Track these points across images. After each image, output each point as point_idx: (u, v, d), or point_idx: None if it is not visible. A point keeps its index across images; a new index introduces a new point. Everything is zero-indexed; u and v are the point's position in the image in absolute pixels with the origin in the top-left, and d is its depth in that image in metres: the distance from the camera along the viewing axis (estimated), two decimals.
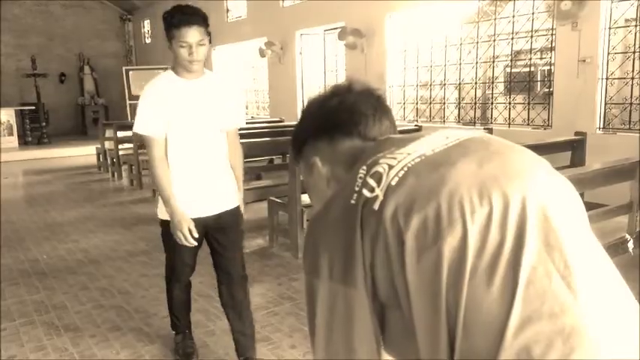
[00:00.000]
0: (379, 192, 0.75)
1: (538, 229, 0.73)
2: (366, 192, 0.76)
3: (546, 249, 0.72)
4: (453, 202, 0.72)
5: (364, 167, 0.80)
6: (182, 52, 2.26)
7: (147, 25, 16.27)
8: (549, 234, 0.74)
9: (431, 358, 0.72)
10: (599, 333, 0.70)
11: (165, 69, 2.53)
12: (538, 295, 0.69)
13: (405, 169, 0.77)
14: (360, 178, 0.78)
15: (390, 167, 0.78)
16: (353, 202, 0.77)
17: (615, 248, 2.91)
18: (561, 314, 0.69)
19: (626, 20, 5.24)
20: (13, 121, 12.09)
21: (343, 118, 0.96)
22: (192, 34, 2.20)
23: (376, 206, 0.75)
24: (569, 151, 4.77)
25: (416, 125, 6.76)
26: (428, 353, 0.73)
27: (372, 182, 0.76)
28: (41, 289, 3.81)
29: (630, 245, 2.87)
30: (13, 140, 12.03)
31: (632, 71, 5.12)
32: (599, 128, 5.32)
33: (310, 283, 0.82)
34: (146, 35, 16.39)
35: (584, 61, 5.27)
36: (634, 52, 5.10)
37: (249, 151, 5.80)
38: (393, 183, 0.75)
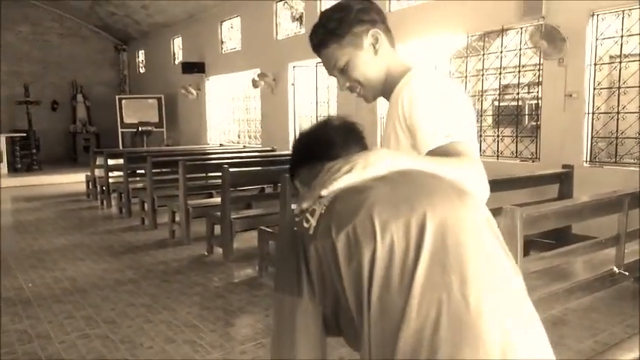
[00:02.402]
0: (313, 222, 0.94)
1: (435, 246, 0.88)
2: (305, 223, 0.95)
3: (440, 265, 0.87)
4: (367, 222, 0.89)
5: (306, 205, 1.00)
6: None
7: (141, 55, 16.43)
8: (445, 250, 0.88)
9: (362, 337, 0.89)
10: (491, 335, 0.84)
11: (159, 98, 2.33)
12: (429, 300, 0.85)
13: (331, 197, 0.96)
14: (303, 212, 0.98)
15: (321, 199, 0.98)
16: (296, 229, 0.96)
17: (603, 280, 2.93)
18: (449, 308, 0.84)
19: (611, 57, 5.38)
20: (3, 147, 12.03)
21: (316, 148, 1.18)
22: None
23: (312, 231, 0.93)
24: (556, 184, 4.82)
25: None
26: (358, 334, 0.89)
27: (309, 216, 0.96)
28: (25, 318, 3.74)
29: (625, 274, 2.89)
30: (3, 167, 11.96)
31: (618, 106, 5.23)
32: (586, 161, 5.40)
33: (274, 297, 1.01)
34: (140, 65, 16.54)
35: (570, 95, 5.39)
36: (619, 88, 5.21)
37: (240, 180, 5.84)
38: (323, 212, 0.94)
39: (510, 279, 0.95)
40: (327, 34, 1.34)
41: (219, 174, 5.48)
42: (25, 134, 12.76)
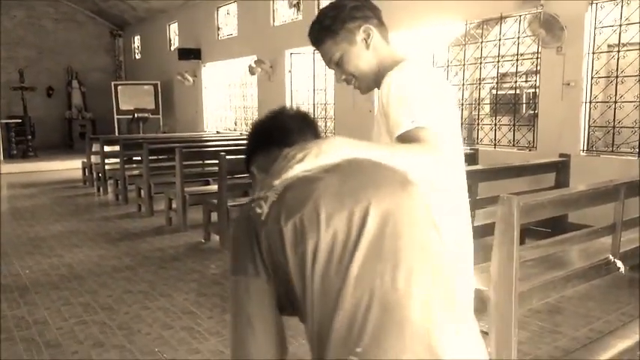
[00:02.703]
0: (265, 208, 1.01)
1: (374, 236, 0.95)
2: (258, 209, 1.01)
3: (376, 254, 0.95)
4: (313, 214, 0.96)
5: (262, 192, 1.06)
6: None
7: (137, 40, 16.30)
8: (383, 240, 0.96)
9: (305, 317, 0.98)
10: (418, 319, 0.92)
11: (155, 85, 2.34)
12: (363, 286, 0.92)
13: (284, 186, 1.03)
14: (258, 199, 1.04)
15: (274, 187, 1.05)
16: (251, 214, 1.03)
17: (599, 269, 2.94)
18: (380, 292, 0.92)
19: (609, 46, 5.36)
20: None
21: (274, 134, 1.23)
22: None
23: (263, 217, 1.00)
24: (553, 173, 4.83)
25: None
26: (304, 314, 0.98)
27: (262, 203, 1.02)
28: (22, 304, 3.75)
29: (620, 265, 2.90)
30: None
31: (615, 95, 5.23)
32: (583, 150, 5.41)
33: (230, 279, 1.06)
34: (136, 51, 16.41)
35: (568, 84, 5.38)
36: (616, 77, 5.21)
37: (236, 167, 5.82)
38: (275, 199, 1.01)
39: (444, 268, 1.03)
40: (322, 31, 1.44)
41: (216, 161, 5.47)
42: (20, 120, 12.69)
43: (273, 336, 1.03)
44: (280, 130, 1.24)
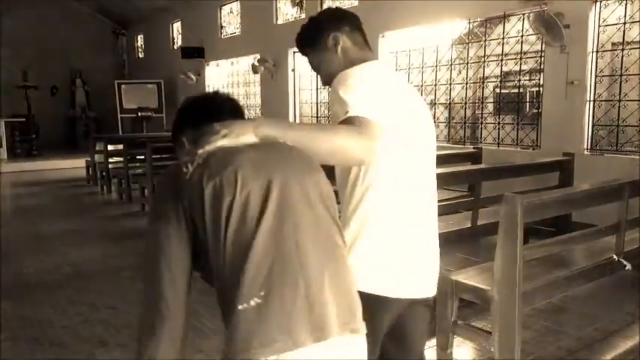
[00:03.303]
0: (190, 170, 1.16)
1: (277, 203, 1.15)
2: (184, 169, 1.17)
3: (279, 217, 1.14)
4: (232, 176, 1.13)
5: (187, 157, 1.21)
6: None
7: (140, 39, 16.32)
8: (286, 204, 1.16)
9: (217, 267, 1.14)
10: (310, 275, 1.12)
11: (158, 83, 2.45)
12: (269, 242, 1.12)
13: (208, 153, 1.19)
14: (184, 162, 1.19)
15: (200, 153, 1.20)
16: (177, 173, 1.18)
17: (603, 268, 2.93)
18: (286, 254, 1.12)
19: (613, 44, 5.34)
20: (2, 132, 12.00)
21: (208, 111, 1.38)
22: None
23: (187, 177, 1.16)
24: (557, 172, 4.82)
25: None
26: (215, 265, 1.15)
27: (189, 165, 1.17)
28: (27, 303, 3.76)
29: (626, 263, 2.89)
30: (2, 152, 11.94)
31: (619, 94, 5.21)
32: (587, 149, 5.39)
33: (150, 225, 1.21)
34: (139, 50, 16.43)
35: (572, 83, 5.36)
36: (620, 75, 5.19)
37: None
38: (200, 163, 1.17)
39: (331, 237, 1.23)
40: (303, 44, 1.70)
41: None
42: (24, 119, 12.72)
43: (187, 278, 1.19)
44: (213, 109, 1.40)
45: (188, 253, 1.18)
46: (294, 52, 9.74)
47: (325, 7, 9.01)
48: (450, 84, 7.04)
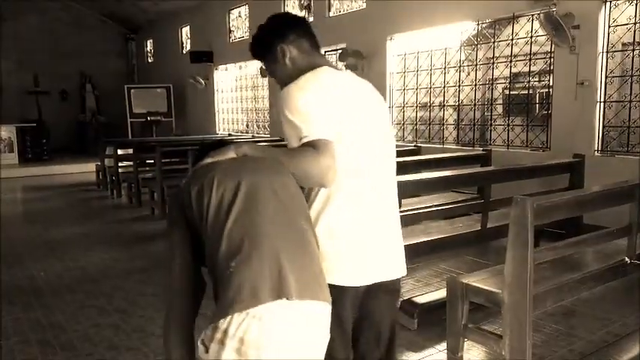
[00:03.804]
0: (185, 181, 1.56)
1: (245, 198, 1.44)
2: (183, 183, 1.57)
3: (246, 208, 1.43)
4: (210, 181, 1.47)
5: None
6: None
7: (149, 44, 16.43)
8: (253, 196, 1.45)
9: (207, 254, 1.47)
10: (269, 256, 1.38)
11: (168, 88, 2.55)
12: (238, 227, 1.41)
13: (196, 168, 1.59)
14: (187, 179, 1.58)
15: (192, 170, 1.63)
16: (180, 187, 1.58)
17: (614, 271, 2.91)
18: (252, 233, 1.40)
19: (623, 44, 5.30)
20: (13, 137, 12.13)
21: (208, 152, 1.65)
22: None
23: (182, 186, 1.55)
24: (567, 174, 4.78)
25: (415, 146, 6.79)
26: (207, 252, 1.47)
27: (185, 179, 1.58)
28: (37, 307, 3.79)
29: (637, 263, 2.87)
30: (14, 157, 12.06)
31: (630, 94, 5.17)
32: (598, 151, 5.35)
33: (167, 230, 1.62)
34: (148, 54, 16.54)
35: (582, 83, 5.33)
36: (631, 76, 5.15)
37: None
38: (190, 175, 1.58)
39: (296, 223, 1.49)
40: (254, 54, 1.82)
41: None
42: (35, 124, 12.83)
43: (189, 265, 1.56)
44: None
45: (190, 248, 1.55)
46: None
47: (333, 9, 9.04)
48: (459, 86, 7.02)
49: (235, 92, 12.46)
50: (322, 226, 1.58)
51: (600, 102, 5.32)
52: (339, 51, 8.33)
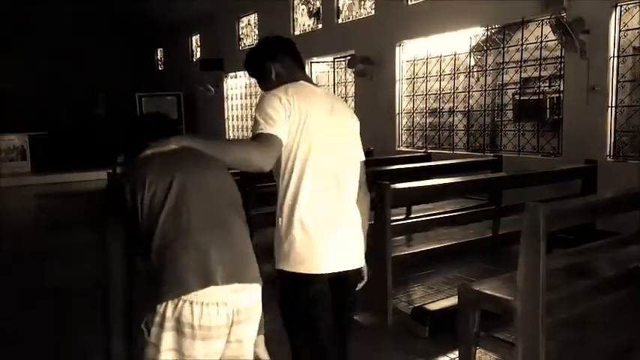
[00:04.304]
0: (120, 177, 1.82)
1: (176, 195, 1.63)
2: (121, 172, 1.82)
3: (177, 204, 1.63)
4: (142, 180, 1.63)
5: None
6: None
7: (160, 52, 16.57)
8: (182, 195, 1.64)
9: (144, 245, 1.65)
10: (200, 245, 1.60)
11: (178, 95, 2.78)
12: (169, 222, 1.61)
13: (135, 164, 1.73)
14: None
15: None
16: (117, 180, 1.83)
17: (628, 278, 2.87)
18: (181, 229, 1.61)
19: (635, 49, 5.26)
20: (26, 146, 12.26)
21: (148, 130, 1.89)
22: None
23: (121, 179, 1.77)
24: (579, 179, 4.75)
25: (425, 152, 6.77)
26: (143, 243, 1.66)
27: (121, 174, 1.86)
28: (49, 313, 3.80)
29: None
30: (27, 165, 12.19)
31: None
32: (609, 156, 5.30)
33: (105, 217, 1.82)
34: (159, 62, 16.67)
35: (593, 89, 5.29)
36: None
37: (260, 176, 5.82)
38: (125, 171, 1.81)
39: (225, 216, 1.72)
40: (248, 70, 2.13)
41: (238, 170, 5.48)
42: (47, 133, 12.95)
43: (122, 254, 1.75)
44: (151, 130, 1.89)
45: (123, 233, 1.74)
46: (311, 62, 9.80)
47: (341, 18, 9.07)
48: (469, 91, 7.00)
49: (245, 99, 12.51)
50: (295, 219, 1.82)
51: (612, 107, 5.28)
52: (348, 57, 8.35)
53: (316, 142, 1.84)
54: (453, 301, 2.96)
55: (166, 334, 1.56)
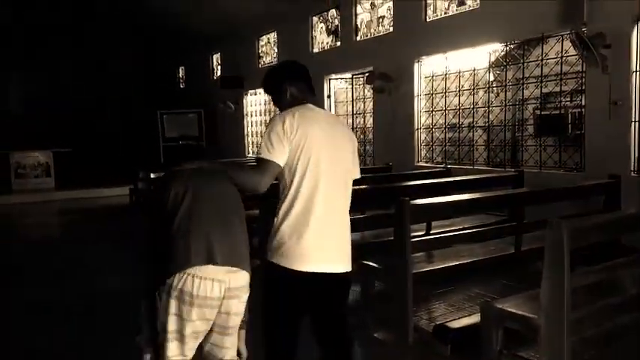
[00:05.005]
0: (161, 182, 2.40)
1: (192, 198, 2.14)
2: (160, 181, 2.49)
3: (193, 205, 2.13)
4: (168, 186, 2.20)
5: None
6: None
7: (181, 70, 16.83)
8: (194, 200, 2.14)
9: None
10: (206, 240, 2.12)
11: (199, 113, 3.06)
12: (185, 217, 2.12)
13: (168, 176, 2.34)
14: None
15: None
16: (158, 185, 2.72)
17: None
18: (193, 221, 2.12)
19: None
20: (51, 162, 12.51)
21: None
22: None
23: (160, 185, 2.37)
24: (602, 195, 4.67)
25: (445, 167, 6.74)
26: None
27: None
28: (68, 327, 3.84)
29: None
30: (50, 181, 12.42)
31: None
32: (634, 171, 5.21)
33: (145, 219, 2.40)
34: (181, 80, 16.93)
35: (615, 103, 5.22)
36: None
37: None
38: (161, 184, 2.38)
39: (228, 217, 2.19)
40: (266, 90, 2.46)
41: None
42: (70, 149, 13.20)
43: (156, 240, 2.19)
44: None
45: (158, 230, 2.18)
46: (330, 79, 9.86)
47: (360, 35, 9.13)
48: (488, 106, 6.97)
49: (264, 116, 12.62)
50: (290, 220, 2.12)
51: (635, 121, 5.21)
52: (367, 74, 8.39)
53: (314, 159, 2.14)
54: (475, 318, 2.92)
55: (172, 300, 2.02)
